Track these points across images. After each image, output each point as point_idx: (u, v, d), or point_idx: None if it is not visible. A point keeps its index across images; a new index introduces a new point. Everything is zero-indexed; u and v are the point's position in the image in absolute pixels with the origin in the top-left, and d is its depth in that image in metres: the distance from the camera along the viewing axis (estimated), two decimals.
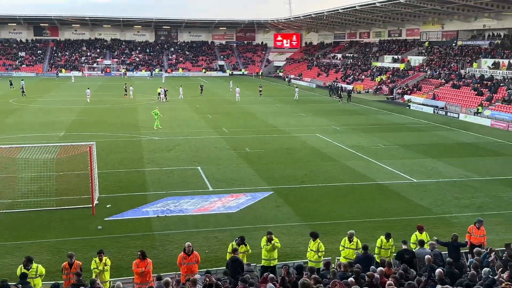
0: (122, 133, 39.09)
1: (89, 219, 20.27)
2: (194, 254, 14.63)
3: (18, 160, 25.25)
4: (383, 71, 78.48)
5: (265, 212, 21.26)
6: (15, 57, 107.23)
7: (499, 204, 22.53)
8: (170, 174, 27.27)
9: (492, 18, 64.37)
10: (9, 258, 16.57)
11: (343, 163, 30.05)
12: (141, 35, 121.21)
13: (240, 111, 53.19)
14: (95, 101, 58.58)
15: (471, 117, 48.41)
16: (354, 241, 15.34)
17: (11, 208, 21.12)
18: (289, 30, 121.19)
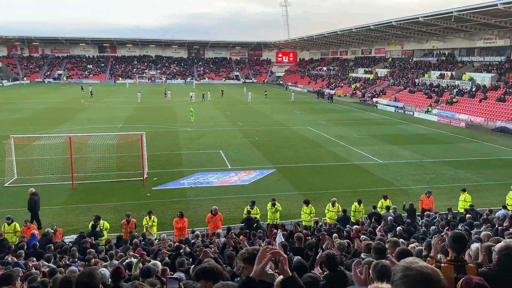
0: (164, 125, 39.18)
1: (141, 188, 20.45)
2: (219, 214, 14.76)
3: (88, 144, 25.44)
4: (357, 80, 77.80)
5: (270, 184, 21.32)
6: (85, 69, 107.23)
7: (443, 179, 22.44)
8: (199, 155, 27.36)
9: (439, 40, 63.52)
10: (83, 216, 16.80)
11: (328, 148, 29.98)
12: (177, 53, 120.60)
13: (251, 109, 53.08)
14: (144, 102, 58.66)
15: (422, 115, 47.99)
16: (336, 206, 15.41)
17: (84, 180, 21.34)
18: (287, 49, 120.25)
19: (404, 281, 1.74)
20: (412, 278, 1.73)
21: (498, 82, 47.42)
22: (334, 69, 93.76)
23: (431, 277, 1.73)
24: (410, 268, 1.77)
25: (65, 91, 76.07)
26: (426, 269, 1.76)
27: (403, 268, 1.78)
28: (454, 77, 54.66)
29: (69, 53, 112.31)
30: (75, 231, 14.42)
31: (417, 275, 1.74)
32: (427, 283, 1.71)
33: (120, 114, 46.27)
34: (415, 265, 1.78)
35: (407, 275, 1.75)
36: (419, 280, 1.72)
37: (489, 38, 53.66)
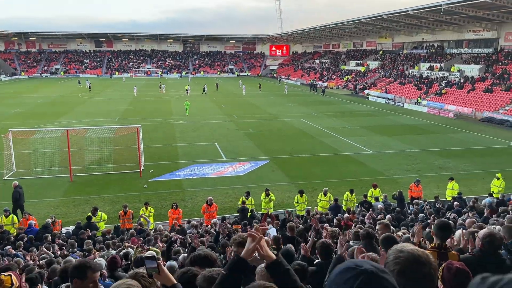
0: (160, 118, 39.00)
1: (138, 180, 20.42)
2: (214, 205, 14.78)
3: (85, 138, 25.29)
4: (349, 73, 77.73)
5: (264, 175, 21.35)
6: (82, 63, 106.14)
7: (431, 168, 22.58)
8: (195, 148, 27.30)
9: (428, 33, 63.48)
10: (81, 208, 16.76)
11: (320, 139, 30.02)
12: (173, 47, 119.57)
13: (246, 102, 52.93)
14: (140, 95, 58.28)
15: (412, 106, 48.13)
16: (328, 195, 15.46)
17: (81, 172, 21.25)
18: (280, 43, 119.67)
19: (396, 262, 1.80)
20: (403, 259, 1.79)
21: (486, 74, 47.59)
22: (326, 62, 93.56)
23: (422, 258, 1.80)
24: (402, 251, 1.84)
25: (62, 85, 75.35)
26: (417, 252, 1.83)
27: (396, 251, 1.85)
28: (443, 69, 54.76)
29: (65, 48, 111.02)
30: (74, 222, 14.38)
31: (408, 256, 1.80)
32: (417, 264, 1.77)
33: (117, 107, 45.96)
34: (406, 248, 1.86)
35: (398, 256, 1.81)
36: (410, 261, 1.78)
37: (477, 31, 53.71)
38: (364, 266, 1.52)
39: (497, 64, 48.28)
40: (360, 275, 1.49)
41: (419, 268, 1.77)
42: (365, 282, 1.48)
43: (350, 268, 1.54)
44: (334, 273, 1.60)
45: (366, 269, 1.51)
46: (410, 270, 1.77)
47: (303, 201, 15.36)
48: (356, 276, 1.49)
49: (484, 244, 4.12)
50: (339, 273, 1.56)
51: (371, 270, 1.51)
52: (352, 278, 1.50)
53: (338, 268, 1.59)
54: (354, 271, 1.51)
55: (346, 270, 1.54)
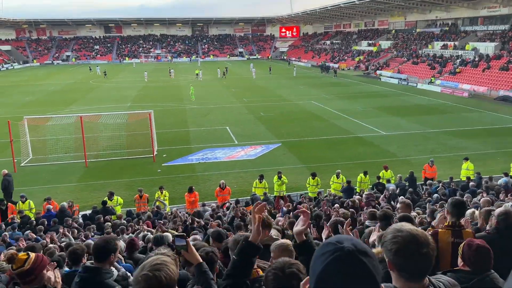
0: (172, 103, 39.11)
1: (151, 164, 20.65)
2: (227, 188, 14.92)
3: (99, 123, 25.56)
4: (361, 53, 76.51)
5: (276, 158, 21.39)
6: (92, 50, 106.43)
7: (445, 149, 22.36)
8: (207, 132, 27.42)
9: (442, 10, 61.85)
10: (97, 193, 17.06)
11: (332, 122, 29.84)
12: (182, 31, 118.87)
13: (256, 85, 52.64)
14: (151, 81, 58.35)
15: (426, 86, 47.33)
16: (340, 177, 15.46)
17: (96, 158, 21.56)
18: (290, 24, 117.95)
19: (394, 241, 1.77)
20: (401, 238, 1.77)
21: (502, 51, 46.38)
22: (337, 42, 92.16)
23: (420, 238, 1.77)
24: (401, 230, 1.81)
25: (74, 72, 75.85)
26: (415, 231, 1.80)
27: (394, 230, 1.83)
28: (457, 47, 53.49)
29: (75, 34, 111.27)
30: (90, 207, 14.67)
31: (406, 236, 1.77)
32: (415, 244, 1.75)
33: (128, 93, 46.19)
34: (405, 227, 1.83)
35: (397, 235, 1.78)
36: (408, 240, 1.76)
37: (493, 7, 52.07)
38: (344, 244, 1.47)
39: None
40: (335, 251, 1.45)
41: (417, 248, 1.75)
42: (337, 260, 1.44)
43: (331, 243, 1.50)
44: (321, 244, 1.60)
45: (343, 247, 1.45)
46: (408, 250, 1.75)
47: (315, 184, 15.40)
48: (332, 252, 1.46)
49: (499, 221, 4.11)
50: (322, 245, 1.55)
51: (347, 249, 1.44)
52: (327, 253, 1.46)
53: (324, 241, 1.59)
54: (332, 247, 1.47)
55: (327, 244, 1.51)
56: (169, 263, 2.07)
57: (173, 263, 2.10)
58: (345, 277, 1.42)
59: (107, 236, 3.98)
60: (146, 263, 2.06)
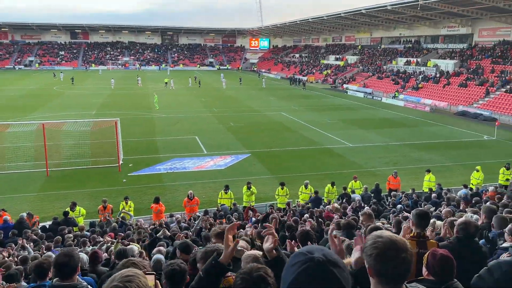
0: (139, 111, 38.41)
1: (116, 174, 20.10)
2: (195, 199, 14.71)
3: (62, 131, 24.70)
4: (328, 67, 78.34)
5: (245, 168, 21.37)
6: (57, 55, 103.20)
7: (408, 161, 23.09)
8: (175, 141, 27.06)
9: (406, 28, 64.58)
10: (58, 203, 16.40)
11: (301, 133, 30.22)
12: (151, 39, 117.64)
13: (226, 95, 52.69)
14: (118, 88, 57.18)
15: (390, 100, 48.92)
16: (308, 188, 15.60)
17: (58, 167, 20.75)
18: (261, 36, 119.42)
19: (374, 246, 1.81)
20: (381, 244, 1.81)
21: (461, 68, 48.81)
22: (306, 56, 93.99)
23: (399, 243, 1.82)
24: (381, 236, 1.86)
25: (37, 78, 73.15)
26: (394, 237, 1.86)
27: (374, 236, 1.87)
28: (420, 63, 55.84)
29: (40, 39, 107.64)
30: (51, 218, 14.04)
31: (386, 241, 1.82)
32: (395, 250, 1.79)
33: (94, 100, 45.00)
34: (385, 233, 1.88)
35: (377, 241, 1.83)
36: (388, 245, 1.80)
37: (452, 26, 54.95)
38: (315, 254, 1.50)
39: (471, 59, 49.57)
40: (306, 262, 1.48)
41: (396, 253, 1.79)
42: (307, 270, 1.46)
43: (301, 254, 1.52)
44: (291, 255, 1.61)
45: (313, 257, 1.48)
46: (387, 255, 1.78)
47: (284, 194, 15.46)
48: (303, 262, 1.48)
49: (459, 231, 4.26)
50: (293, 256, 1.57)
51: (318, 259, 1.47)
52: (299, 263, 1.49)
53: (295, 252, 1.61)
54: (303, 257, 1.50)
55: (298, 254, 1.54)
56: (141, 275, 2.00)
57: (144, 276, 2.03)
58: (315, 287, 1.44)
59: (68, 250, 3.77)
60: (117, 274, 1.98)
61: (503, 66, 43.60)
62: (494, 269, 3.16)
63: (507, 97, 38.20)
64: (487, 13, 46.83)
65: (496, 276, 3.08)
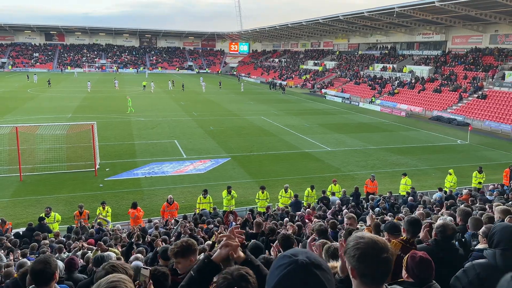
0: (116, 115, 37.78)
1: (93, 179, 19.69)
2: (175, 203, 14.55)
3: (36, 135, 24.03)
4: (307, 72, 79.17)
5: (225, 173, 21.30)
6: (31, 57, 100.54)
7: (385, 164, 23.52)
8: (153, 145, 26.72)
9: (382, 35, 66.02)
10: (32, 209, 15.93)
11: (280, 137, 30.37)
12: (129, 41, 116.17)
13: (206, 99, 52.45)
14: (94, 91, 56.10)
15: (367, 105, 49.80)
16: (288, 192, 15.67)
17: (32, 171, 20.16)
18: (240, 40, 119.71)
19: (356, 247, 1.84)
20: (363, 244, 1.84)
21: (435, 75, 50.20)
22: (285, 61, 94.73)
23: (380, 243, 1.86)
24: (362, 237, 1.89)
25: (10, 80, 71.00)
26: (376, 238, 1.90)
27: (356, 238, 1.91)
28: (396, 69, 57.12)
29: (13, 40, 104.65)
30: (25, 224, 13.62)
31: (368, 242, 1.85)
32: (377, 250, 1.83)
33: (70, 103, 44.01)
34: (366, 235, 1.92)
35: (359, 242, 1.86)
36: (369, 246, 1.84)
37: (427, 33, 56.53)
38: (299, 257, 1.52)
39: (445, 65, 51.07)
40: (290, 264, 1.50)
41: (378, 253, 1.82)
42: (291, 272, 1.48)
43: (286, 256, 1.55)
44: (277, 257, 1.64)
45: (297, 260, 1.50)
46: (370, 255, 1.82)
47: (264, 198, 15.49)
48: (287, 265, 1.50)
49: (438, 233, 4.37)
50: (278, 258, 1.59)
51: (301, 262, 1.49)
52: (283, 265, 1.51)
53: (280, 254, 1.63)
54: (287, 259, 1.52)
55: (283, 257, 1.56)
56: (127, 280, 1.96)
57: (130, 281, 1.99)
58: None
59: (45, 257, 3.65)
60: (102, 280, 1.94)
61: (475, 73, 45.10)
62: (469, 271, 3.25)
63: (479, 103, 39.51)
64: (460, 21, 48.40)
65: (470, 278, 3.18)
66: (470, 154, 26.31)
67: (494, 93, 39.84)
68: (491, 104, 38.39)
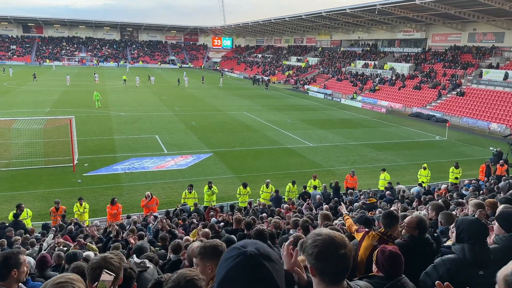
0: (95, 109, 37.07)
1: (71, 174, 19.29)
2: (154, 198, 14.39)
3: (12, 129, 23.39)
4: (290, 68, 79.32)
5: (206, 168, 21.18)
6: (8, 49, 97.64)
7: (365, 160, 23.80)
8: (134, 140, 26.35)
9: (364, 32, 66.61)
10: (6, 205, 15.49)
11: (262, 132, 30.36)
12: (110, 34, 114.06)
13: (188, 94, 51.99)
14: (73, 85, 54.90)
15: (348, 101, 50.25)
16: (270, 187, 15.69)
17: (8, 167, 19.62)
18: (223, 35, 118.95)
19: (314, 245, 1.82)
20: (320, 241, 1.82)
21: (415, 72, 50.98)
22: (269, 56, 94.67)
23: (337, 240, 1.84)
24: (320, 234, 1.86)
25: None
26: (333, 234, 1.87)
27: (314, 235, 1.88)
28: (377, 66, 57.76)
29: None
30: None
31: (325, 238, 1.83)
32: (334, 246, 1.81)
33: (48, 97, 42.97)
34: (323, 231, 1.89)
35: (316, 239, 1.84)
36: (327, 243, 1.81)
37: (408, 31, 57.32)
38: (248, 248, 1.50)
39: (425, 63, 51.92)
40: (239, 256, 1.48)
41: (336, 250, 1.80)
42: (240, 263, 1.46)
43: (235, 248, 1.53)
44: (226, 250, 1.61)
45: (246, 251, 1.48)
46: (327, 252, 1.80)
47: (245, 193, 15.47)
48: (236, 257, 1.48)
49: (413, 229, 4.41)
50: (228, 250, 1.56)
51: (250, 253, 1.48)
52: (232, 257, 1.49)
53: (230, 246, 1.60)
54: (236, 251, 1.50)
55: (232, 249, 1.54)
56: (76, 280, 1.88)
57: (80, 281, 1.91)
58: (246, 282, 1.44)
59: (8, 251, 3.56)
60: (48, 282, 1.86)
61: (454, 70, 45.99)
62: (439, 266, 3.29)
63: (458, 100, 40.34)
64: (439, 19, 49.22)
65: (440, 273, 3.21)
66: (448, 150, 26.87)
67: (472, 91, 40.75)
68: (469, 101, 39.26)
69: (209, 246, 2.80)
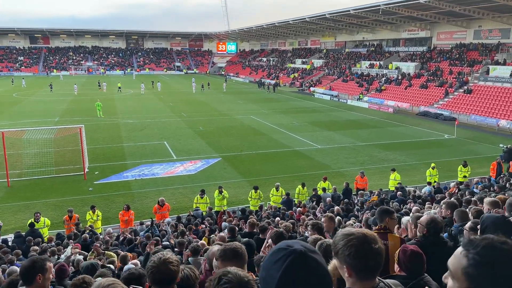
0: (104, 117, 37.38)
1: (82, 183, 19.47)
2: (166, 205, 14.49)
3: (23, 140, 23.68)
4: (295, 70, 79.32)
5: (216, 173, 21.24)
6: (15, 61, 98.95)
7: (374, 161, 23.68)
8: (143, 147, 26.52)
9: (368, 32, 66.49)
10: (20, 215, 15.69)
11: (270, 136, 30.38)
12: (115, 43, 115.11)
13: (195, 100, 52.22)
14: (81, 94, 55.46)
15: (355, 102, 50.09)
16: (280, 190, 15.70)
17: (20, 177, 19.86)
18: (228, 40, 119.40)
19: (349, 245, 1.82)
20: (355, 240, 1.83)
21: (421, 71, 50.73)
22: (273, 59, 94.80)
23: (370, 236, 1.86)
24: (351, 233, 1.87)
25: None
26: (363, 231, 1.90)
27: (344, 236, 1.87)
28: (382, 66, 57.58)
29: None
30: (13, 230, 13.41)
31: (358, 237, 1.84)
32: (369, 243, 1.82)
33: (56, 107, 43.44)
34: (352, 230, 1.90)
35: (350, 239, 1.83)
36: (362, 241, 1.82)
37: (413, 30, 57.11)
38: (295, 246, 1.56)
39: (431, 61, 51.64)
40: (290, 255, 1.53)
41: (370, 246, 1.82)
42: (294, 261, 1.51)
43: (282, 249, 1.57)
44: (268, 254, 1.64)
45: (295, 249, 1.54)
46: (363, 249, 1.81)
47: (257, 197, 15.50)
48: (286, 256, 1.53)
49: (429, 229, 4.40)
50: (271, 253, 1.60)
51: (300, 250, 1.53)
52: (282, 258, 1.53)
53: (272, 249, 1.64)
54: (285, 251, 1.55)
55: (278, 250, 1.58)
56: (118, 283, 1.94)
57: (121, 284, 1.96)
58: (306, 278, 1.49)
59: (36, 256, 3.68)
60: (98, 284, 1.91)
61: (460, 68, 45.70)
62: None
63: (465, 97, 40.05)
64: (444, 17, 48.98)
65: None
66: (457, 148, 26.66)
67: (479, 88, 40.43)
68: (477, 98, 38.96)
69: (229, 249, 2.91)
